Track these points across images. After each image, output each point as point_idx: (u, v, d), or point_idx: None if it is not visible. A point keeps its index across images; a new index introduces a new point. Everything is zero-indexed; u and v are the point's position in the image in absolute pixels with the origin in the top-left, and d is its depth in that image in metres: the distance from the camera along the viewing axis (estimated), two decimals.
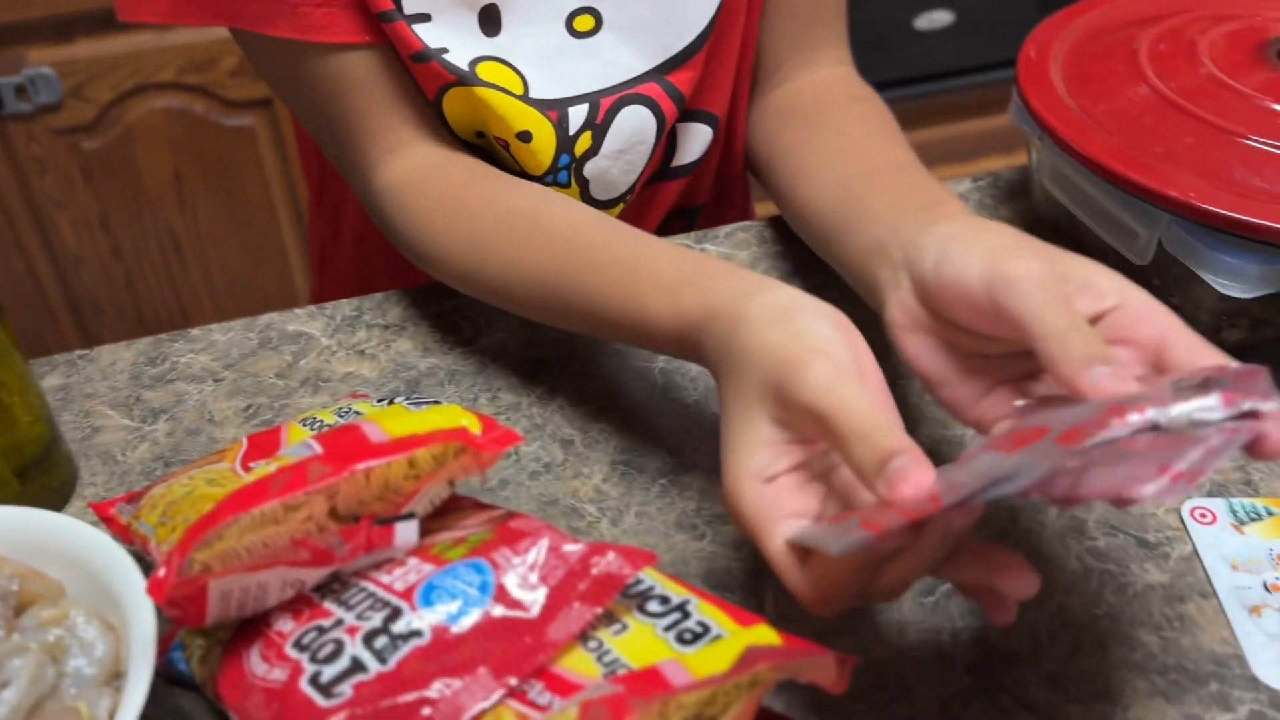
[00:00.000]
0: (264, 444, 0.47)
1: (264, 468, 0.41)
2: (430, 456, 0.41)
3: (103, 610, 0.41)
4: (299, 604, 0.39)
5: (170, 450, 0.54)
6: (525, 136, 0.58)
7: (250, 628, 0.39)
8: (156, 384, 0.58)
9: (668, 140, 0.64)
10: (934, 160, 1.64)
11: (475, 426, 0.42)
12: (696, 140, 0.64)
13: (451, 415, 0.43)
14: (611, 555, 0.38)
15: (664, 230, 0.69)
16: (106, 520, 0.46)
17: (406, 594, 0.38)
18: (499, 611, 0.37)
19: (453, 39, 0.56)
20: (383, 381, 0.58)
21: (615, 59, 0.59)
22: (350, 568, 0.40)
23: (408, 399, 0.46)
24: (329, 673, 0.35)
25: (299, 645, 0.37)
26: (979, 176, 0.71)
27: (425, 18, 0.55)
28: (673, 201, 0.67)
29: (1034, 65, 0.59)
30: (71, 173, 1.39)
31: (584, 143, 0.59)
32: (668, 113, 0.61)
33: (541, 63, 0.58)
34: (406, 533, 0.40)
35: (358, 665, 0.36)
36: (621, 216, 0.65)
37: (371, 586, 0.39)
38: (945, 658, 0.43)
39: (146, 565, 0.43)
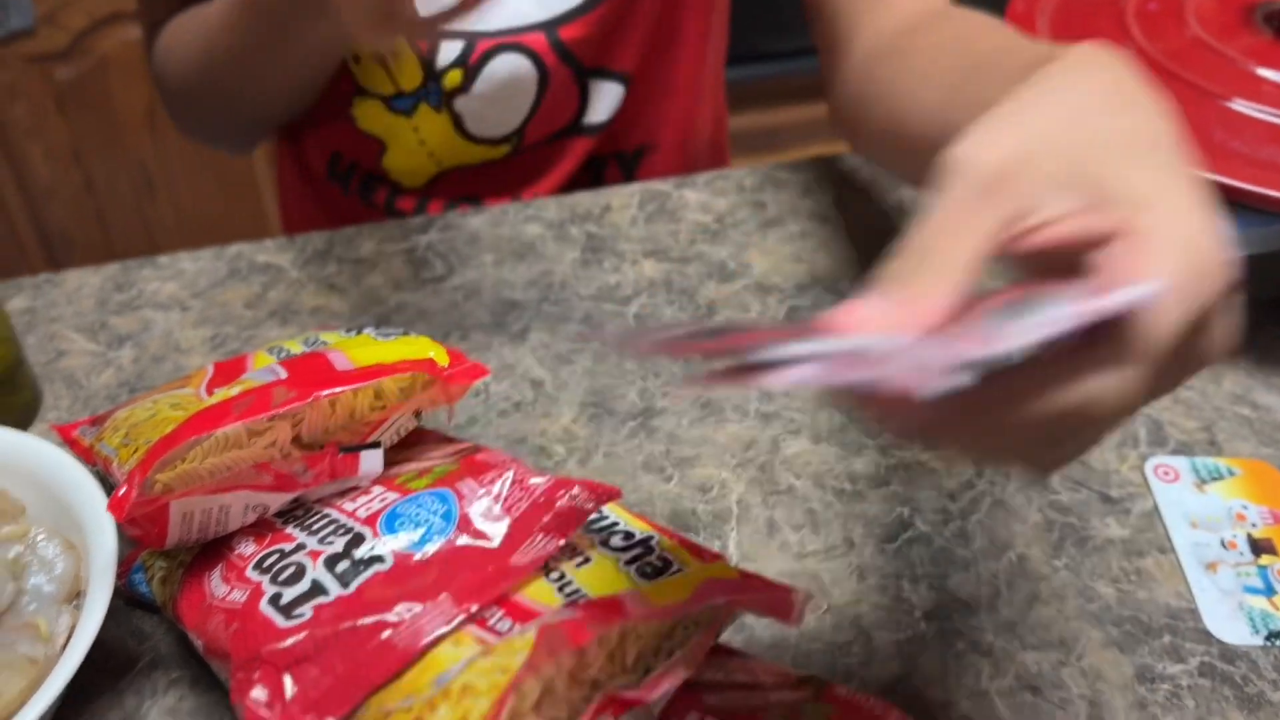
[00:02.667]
0: (229, 370, 0.47)
1: (226, 392, 0.41)
2: (397, 388, 0.41)
3: (64, 530, 0.41)
4: (261, 528, 0.39)
5: (135, 377, 0.53)
6: (395, 55, 0.61)
7: (212, 550, 0.39)
8: (124, 310, 0.57)
9: (580, 97, 0.65)
10: None
11: (443, 359, 0.42)
12: (607, 98, 0.66)
13: (420, 347, 0.43)
14: (576, 489, 0.38)
15: (591, 177, 0.70)
16: (70, 442, 0.45)
17: (370, 520, 0.38)
18: (462, 540, 0.37)
19: None
20: (352, 316, 0.57)
21: (505, 4, 0.61)
22: (314, 494, 0.40)
23: (376, 329, 0.46)
24: (289, 594, 0.35)
25: (260, 567, 0.37)
26: None
27: None
28: (586, 155, 0.68)
29: (1021, 21, 0.59)
30: (44, 102, 1.36)
31: (453, 79, 0.62)
32: (550, 66, 0.62)
33: None
34: (371, 461, 0.40)
35: (318, 588, 0.35)
36: (529, 165, 0.67)
37: (334, 513, 0.39)
38: (904, 603, 0.44)
39: (109, 487, 0.43)
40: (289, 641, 0.34)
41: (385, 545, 0.37)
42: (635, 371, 0.54)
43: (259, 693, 0.33)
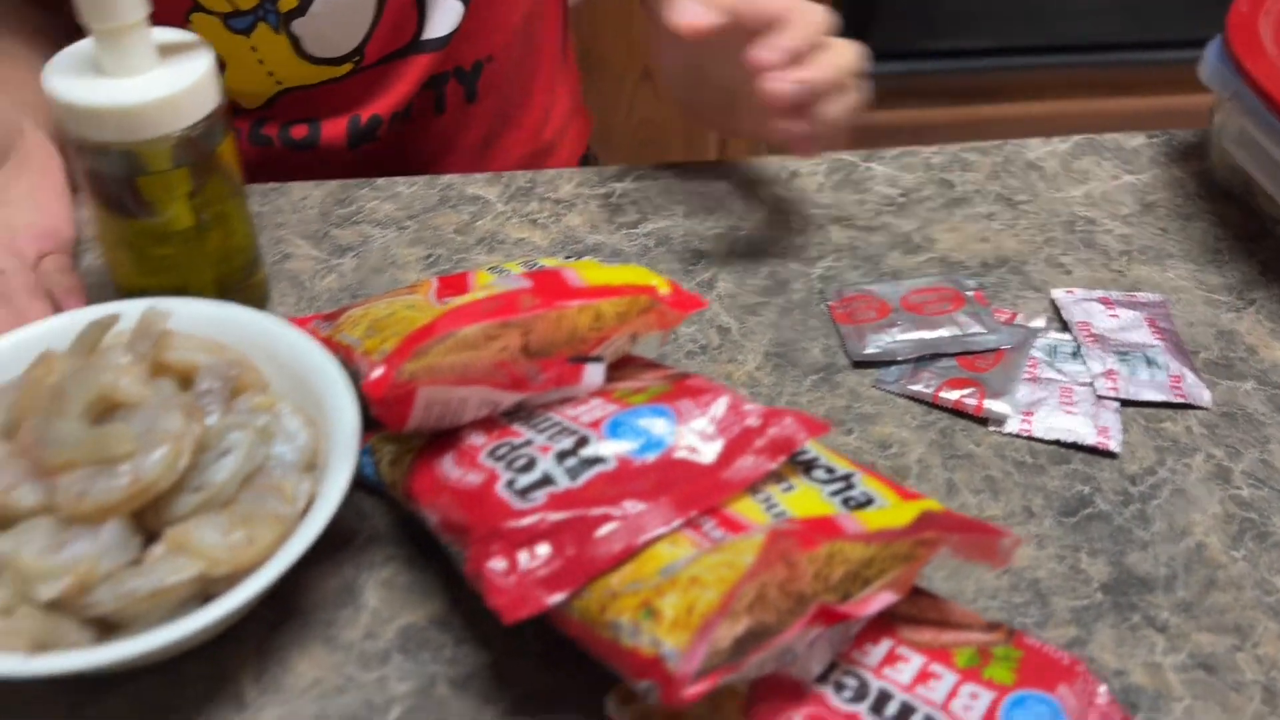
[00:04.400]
0: (454, 284, 0.50)
1: (471, 295, 0.44)
2: (614, 311, 0.44)
3: (304, 406, 0.45)
4: (489, 424, 0.42)
5: (356, 284, 0.57)
6: None
7: (442, 439, 0.43)
8: (344, 223, 0.61)
9: (418, 13, 0.65)
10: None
11: (664, 287, 0.45)
12: (447, 15, 0.66)
13: (642, 274, 0.45)
14: (789, 420, 0.40)
15: (438, 100, 0.71)
16: (307, 332, 0.49)
17: (593, 425, 0.41)
18: (680, 454, 0.39)
19: None
20: (552, 250, 0.60)
21: None
22: (537, 399, 0.43)
23: (602, 256, 0.48)
24: (522, 481, 0.38)
25: (493, 455, 0.40)
26: (1154, 133, 0.70)
27: None
28: (424, 72, 0.69)
29: (1244, 19, 0.59)
30: None
31: (288, 0, 0.62)
32: None
33: None
34: (594, 374, 0.43)
35: (548, 478, 0.38)
36: (368, 88, 0.67)
37: (557, 417, 0.42)
38: (1080, 574, 0.45)
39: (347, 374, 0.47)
40: (525, 521, 0.37)
41: (609, 448, 0.39)
42: (820, 329, 0.56)
43: (497, 563, 0.36)
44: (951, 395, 0.52)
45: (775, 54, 0.49)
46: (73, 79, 0.46)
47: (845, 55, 0.53)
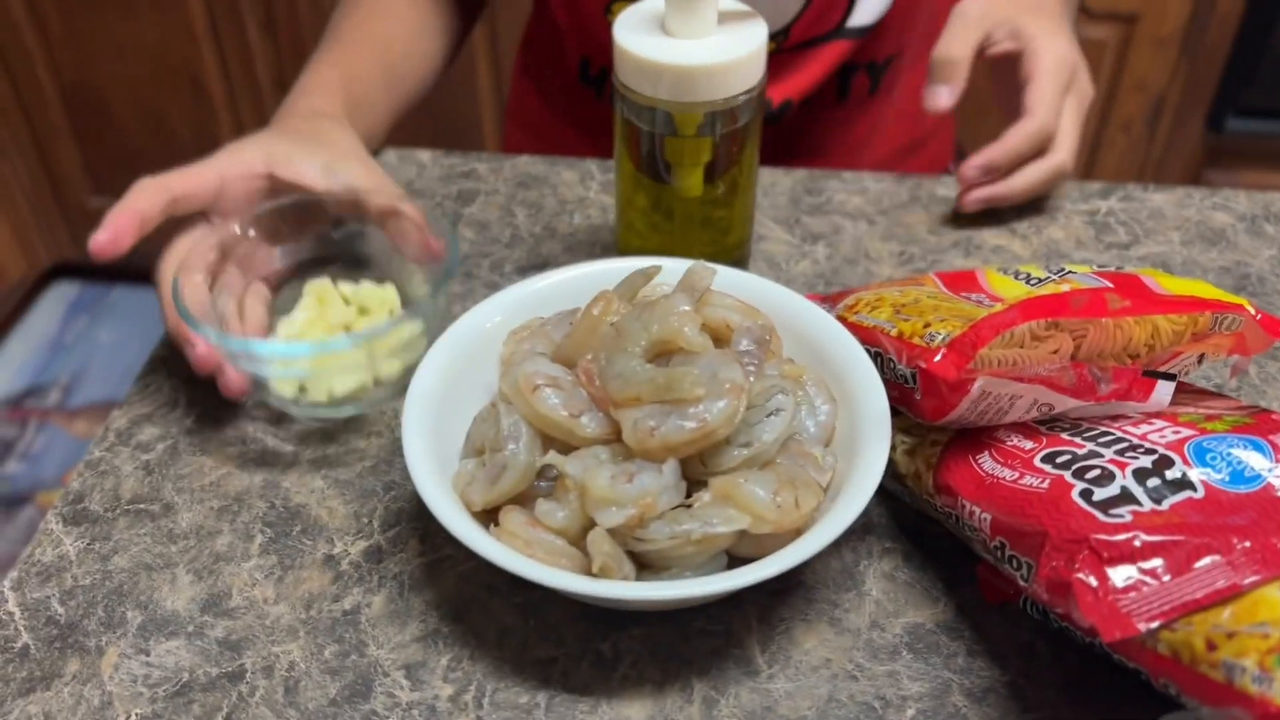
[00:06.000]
0: (961, 280, 0.48)
1: (1050, 287, 0.42)
2: (1171, 329, 0.40)
3: (823, 379, 0.44)
4: (1029, 429, 0.40)
5: (830, 272, 0.56)
6: None
7: (972, 436, 0.40)
8: (814, 212, 0.60)
9: (848, 1, 0.65)
10: None
11: (1250, 306, 0.40)
12: (874, 5, 0.66)
13: (1217, 291, 0.41)
14: None
15: (842, 88, 0.70)
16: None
17: (1173, 447, 0.37)
18: None
19: None
20: (1033, 260, 0.57)
21: None
22: (1087, 410, 0.40)
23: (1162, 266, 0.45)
24: (1100, 493, 0.35)
25: (1052, 462, 0.37)
26: None
27: None
28: (842, 58, 0.68)
29: None
30: None
31: None
32: None
33: None
34: (1163, 391, 0.39)
35: (1129, 496, 0.35)
36: (784, 69, 0.67)
37: (1118, 433, 0.39)
38: None
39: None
40: (1117, 537, 0.33)
41: (1195, 474, 0.36)
42: None
43: (1088, 577, 0.33)
44: None
45: (973, 172, 0.58)
46: (640, 34, 0.48)
47: (1046, 171, 0.58)
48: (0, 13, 1.51)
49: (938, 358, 0.38)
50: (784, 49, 0.67)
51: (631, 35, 0.48)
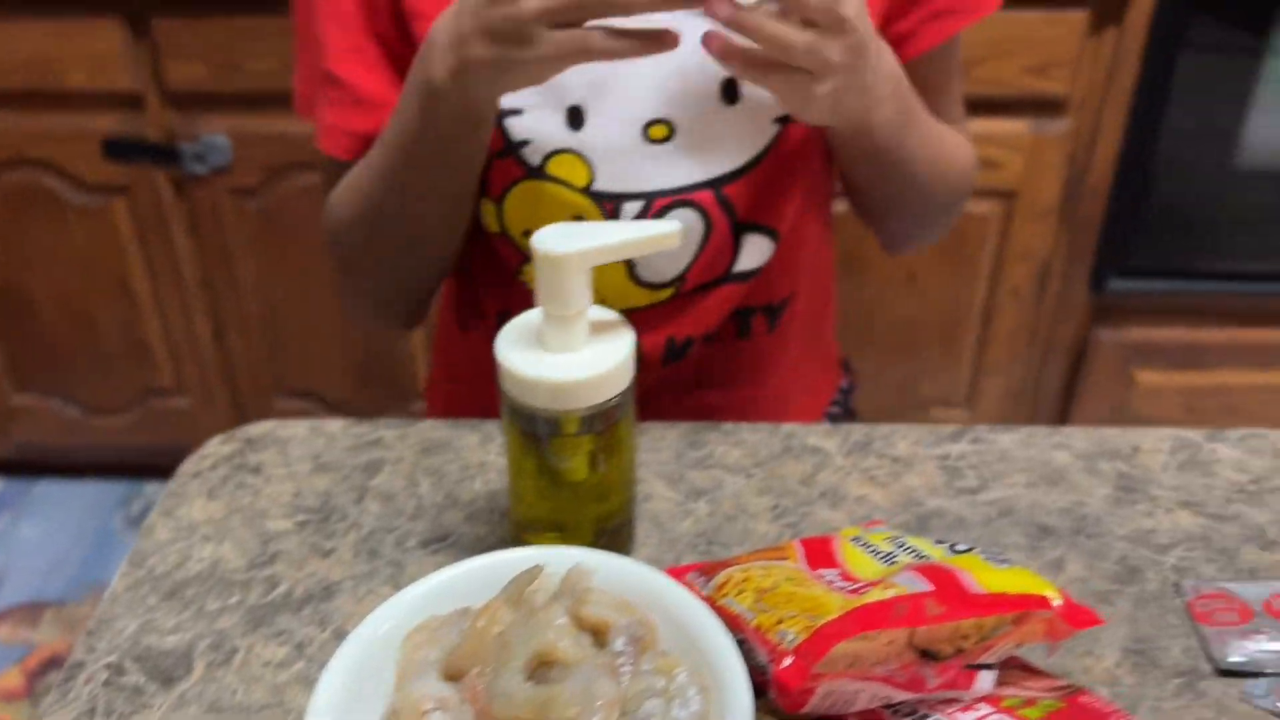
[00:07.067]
0: (819, 552, 0.53)
1: (876, 592, 0.47)
2: (993, 621, 0.45)
3: (693, 664, 0.48)
4: (873, 715, 0.44)
5: (712, 530, 0.61)
6: (579, 219, 0.68)
7: None
8: (698, 466, 0.66)
9: (733, 248, 0.72)
10: None
11: (1057, 598, 0.46)
12: (757, 250, 0.72)
13: (1033, 581, 0.47)
14: None
15: (742, 327, 0.76)
16: (685, 586, 0.53)
17: None
18: None
19: (539, 131, 0.67)
20: (894, 511, 0.62)
21: (678, 166, 0.68)
22: (924, 698, 0.45)
23: (983, 551, 0.50)
24: None
25: None
26: None
27: (518, 112, 0.67)
28: (735, 303, 0.74)
29: None
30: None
31: None
32: (715, 219, 0.69)
33: (612, 159, 0.68)
34: (985, 681, 0.44)
35: None
36: (683, 311, 0.73)
37: (942, 718, 0.43)
38: None
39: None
40: None
41: None
42: (1179, 627, 0.55)
43: None
44: None
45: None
46: (519, 351, 0.53)
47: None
48: None
49: (786, 663, 0.43)
50: (682, 294, 0.74)
51: (512, 351, 0.53)
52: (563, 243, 0.51)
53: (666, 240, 0.53)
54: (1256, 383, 1.68)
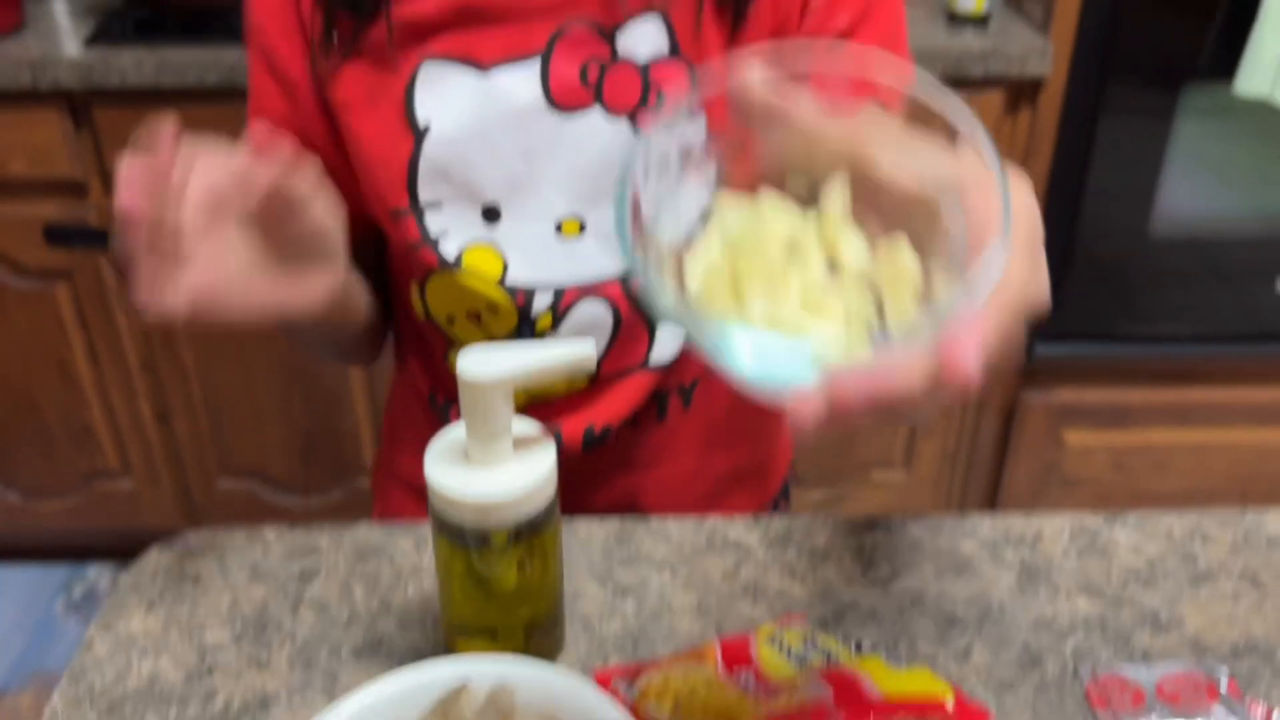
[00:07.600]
0: (736, 652, 0.56)
1: (785, 698, 0.49)
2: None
3: None
4: None
5: (638, 630, 0.64)
6: (494, 309, 0.72)
7: None
8: (625, 563, 0.68)
9: (648, 337, 0.75)
10: None
11: (949, 698, 0.49)
12: (672, 338, 0.76)
13: (931, 683, 0.50)
14: None
15: (660, 409, 0.78)
16: (610, 691, 0.56)
17: None
18: None
19: (455, 225, 0.70)
20: (811, 603, 0.65)
21: (589, 260, 0.72)
22: None
23: (885, 654, 0.53)
24: None
25: None
26: None
27: (437, 205, 0.70)
28: (650, 389, 0.77)
29: None
30: None
31: (544, 322, 0.73)
32: (624, 311, 0.73)
33: (525, 252, 0.71)
34: None
35: None
36: (600, 399, 0.77)
37: None
38: None
39: None
40: None
41: None
42: (1077, 713, 0.58)
43: None
44: None
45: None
46: (445, 467, 0.56)
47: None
48: None
49: None
50: (597, 381, 0.77)
51: (438, 466, 0.56)
52: (485, 368, 0.54)
53: (583, 363, 0.56)
54: (1182, 440, 1.74)
